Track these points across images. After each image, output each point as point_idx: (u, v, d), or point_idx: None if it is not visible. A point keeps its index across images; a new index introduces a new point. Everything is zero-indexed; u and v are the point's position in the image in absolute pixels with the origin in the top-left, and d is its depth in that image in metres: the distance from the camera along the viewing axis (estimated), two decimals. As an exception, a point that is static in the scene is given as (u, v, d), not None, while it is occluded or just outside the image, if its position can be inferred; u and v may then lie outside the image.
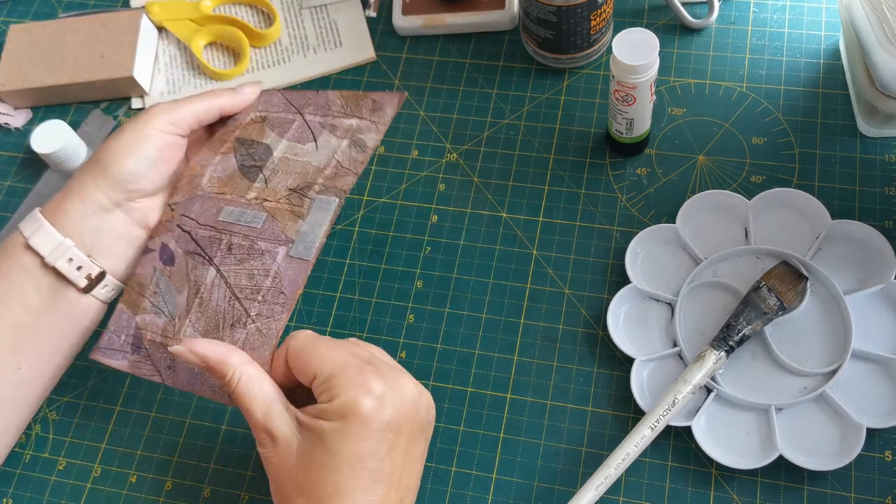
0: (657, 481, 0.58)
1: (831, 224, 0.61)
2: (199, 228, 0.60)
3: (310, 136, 0.61)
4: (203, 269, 0.59)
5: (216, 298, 0.58)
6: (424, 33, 0.76)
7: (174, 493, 0.61)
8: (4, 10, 0.84)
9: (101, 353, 0.59)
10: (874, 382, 0.58)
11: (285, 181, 0.60)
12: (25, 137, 0.77)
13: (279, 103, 0.64)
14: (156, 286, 0.60)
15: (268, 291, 0.57)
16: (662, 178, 0.68)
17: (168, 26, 0.78)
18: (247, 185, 0.61)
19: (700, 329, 0.61)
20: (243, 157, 0.62)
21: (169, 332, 0.58)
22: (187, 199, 0.61)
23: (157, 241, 0.61)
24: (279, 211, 0.59)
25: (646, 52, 0.58)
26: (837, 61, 0.70)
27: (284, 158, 0.61)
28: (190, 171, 0.62)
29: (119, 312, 0.60)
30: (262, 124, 0.63)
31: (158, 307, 0.59)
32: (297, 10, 0.79)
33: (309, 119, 0.62)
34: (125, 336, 0.59)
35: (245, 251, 0.59)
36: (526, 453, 0.60)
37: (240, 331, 0.56)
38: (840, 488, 0.56)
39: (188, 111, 0.60)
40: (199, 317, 0.58)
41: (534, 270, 0.66)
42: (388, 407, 0.48)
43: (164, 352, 0.57)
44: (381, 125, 0.61)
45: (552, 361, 0.62)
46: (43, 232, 0.57)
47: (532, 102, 0.72)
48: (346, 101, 0.62)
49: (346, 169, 0.59)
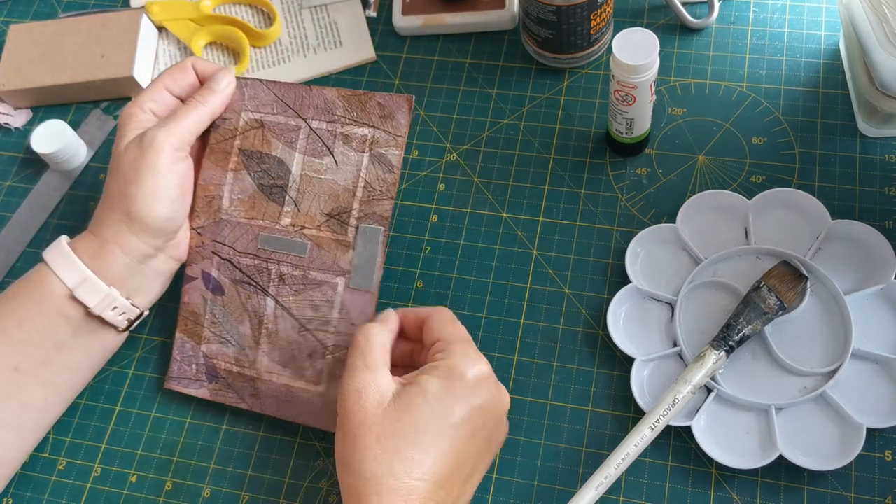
0: (657, 481, 0.58)
1: (831, 224, 0.61)
2: (238, 256, 0.61)
3: (323, 148, 0.60)
4: (259, 299, 0.60)
5: (284, 329, 0.59)
6: (424, 33, 0.76)
7: (174, 493, 0.61)
8: (4, 9, 0.84)
9: (176, 382, 0.61)
10: (874, 382, 0.58)
11: (317, 205, 0.60)
12: (25, 137, 0.77)
13: (270, 101, 0.62)
14: (212, 316, 0.61)
15: (339, 322, 0.58)
16: (662, 177, 0.68)
17: (168, 26, 0.78)
18: (277, 210, 0.61)
19: (700, 329, 0.61)
20: (259, 175, 0.61)
21: (244, 362, 0.60)
22: (211, 222, 0.62)
23: (196, 268, 0.62)
24: (323, 240, 0.59)
25: (646, 51, 0.58)
26: (837, 61, 0.70)
27: (306, 176, 0.60)
28: (203, 192, 0.62)
29: (181, 342, 0.62)
30: (262, 130, 0.62)
31: (223, 337, 0.60)
32: (298, 9, 0.79)
33: (316, 126, 0.61)
34: (196, 365, 0.61)
35: (299, 281, 0.59)
36: (526, 453, 0.60)
37: (320, 361, 0.58)
38: (840, 488, 0.56)
39: (186, 131, 0.59)
40: (271, 348, 0.59)
41: (534, 270, 0.66)
42: (485, 387, 0.51)
43: (245, 380, 0.59)
44: (400, 137, 0.60)
45: (552, 361, 0.62)
46: (90, 285, 0.57)
47: (532, 102, 0.72)
48: (349, 104, 0.61)
49: (378, 191, 0.59)
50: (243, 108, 0.62)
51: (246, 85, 0.63)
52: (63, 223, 0.72)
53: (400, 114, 0.60)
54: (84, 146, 0.75)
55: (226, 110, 0.62)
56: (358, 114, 0.60)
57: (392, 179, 0.59)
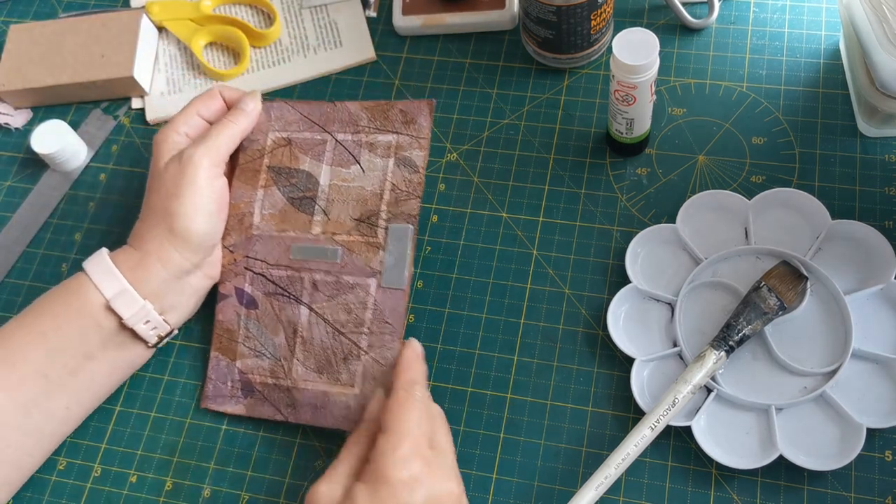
0: (657, 481, 0.58)
1: (831, 224, 0.61)
2: (271, 269, 0.62)
3: (350, 158, 0.62)
4: (293, 309, 0.61)
5: (318, 335, 0.60)
6: (424, 33, 0.76)
7: (174, 493, 0.61)
8: (5, 9, 0.84)
9: (212, 401, 0.62)
10: (874, 382, 0.58)
11: (346, 211, 0.61)
12: (25, 137, 0.77)
13: (296, 120, 0.65)
14: (246, 330, 0.62)
15: (372, 323, 0.59)
16: (662, 177, 0.68)
17: (168, 26, 0.78)
18: (307, 220, 0.62)
19: (700, 329, 0.61)
20: (288, 189, 0.63)
21: (280, 374, 0.61)
22: (243, 238, 0.63)
23: (229, 285, 0.63)
24: (354, 244, 0.61)
25: (646, 51, 0.58)
26: (837, 61, 0.70)
27: (334, 186, 0.62)
28: (234, 210, 0.64)
29: (215, 360, 0.62)
30: (289, 147, 0.64)
31: (257, 350, 0.61)
32: (298, 9, 0.79)
33: (341, 138, 0.63)
34: (231, 382, 0.62)
35: (333, 286, 0.61)
36: (526, 453, 0.60)
37: (355, 363, 0.59)
38: (840, 488, 0.56)
39: (221, 148, 0.61)
40: (306, 356, 0.60)
41: (534, 270, 0.66)
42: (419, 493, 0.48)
43: (281, 391, 0.60)
44: (423, 139, 0.62)
45: (552, 361, 0.62)
46: (126, 297, 0.58)
47: (532, 102, 0.72)
48: (373, 114, 0.63)
49: (405, 192, 0.61)
50: (270, 129, 0.65)
51: (272, 107, 0.66)
52: (63, 223, 0.72)
53: (422, 117, 0.62)
54: (84, 146, 0.75)
55: (253, 132, 0.65)
56: (381, 122, 0.63)
57: (418, 179, 0.61)
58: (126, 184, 0.73)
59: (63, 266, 0.70)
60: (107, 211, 0.72)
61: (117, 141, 0.76)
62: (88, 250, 0.70)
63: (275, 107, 0.65)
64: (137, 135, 0.76)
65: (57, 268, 0.70)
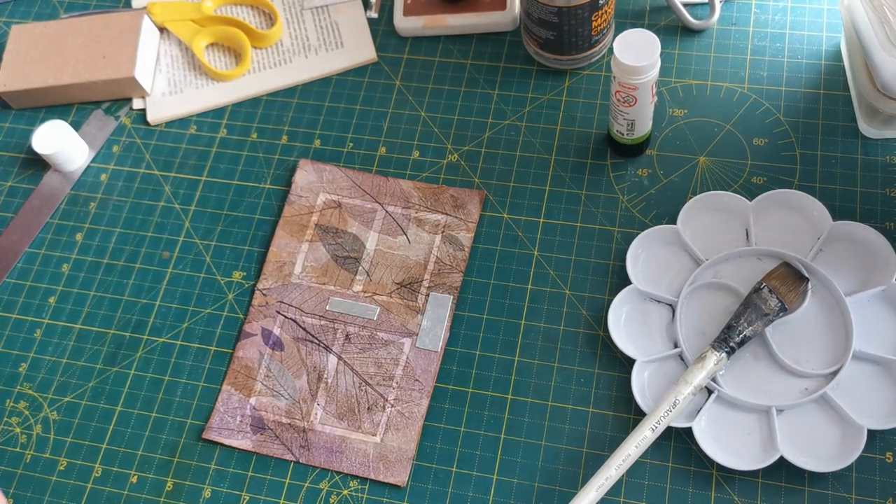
0: (658, 482, 0.58)
1: (832, 225, 0.61)
2: (304, 316, 0.65)
3: (398, 228, 0.66)
4: (322, 356, 0.63)
5: (344, 384, 0.62)
6: (426, 34, 0.76)
7: (174, 493, 0.61)
8: (6, 10, 0.84)
9: (216, 433, 0.62)
10: (875, 384, 0.58)
11: (389, 275, 0.65)
12: (26, 138, 0.77)
13: (348, 186, 0.68)
14: (267, 370, 0.64)
15: (402, 379, 0.62)
16: (663, 179, 0.68)
17: (169, 27, 0.78)
18: (349, 277, 0.65)
19: (701, 330, 0.61)
20: (333, 247, 0.66)
21: (296, 415, 0.62)
22: (279, 285, 0.66)
23: (256, 325, 0.65)
24: (393, 305, 0.64)
25: (647, 53, 0.58)
26: (839, 63, 0.70)
27: (379, 251, 0.66)
28: (275, 257, 0.67)
29: (227, 394, 0.63)
30: (339, 210, 0.68)
31: (275, 390, 0.63)
32: (299, 10, 0.79)
33: (391, 210, 0.67)
34: (241, 417, 0.63)
35: (366, 340, 0.63)
36: (527, 454, 0.60)
37: (379, 413, 0.61)
38: (841, 490, 0.56)
39: None
40: (328, 400, 0.62)
41: (535, 271, 0.66)
42: None
43: (295, 432, 0.61)
44: (471, 223, 0.66)
45: (553, 362, 0.62)
46: None
47: (533, 103, 0.72)
48: (424, 194, 0.67)
49: (448, 266, 0.64)
50: (321, 190, 0.68)
51: (324, 170, 0.69)
52: (64, 224, 0.72)
53: (471, 205, 0.67)
54: (85, 147, 0.75)
55: (301, 189, 0.68)
56: (432, 203, 0.67)
57: (462, 256, 0.65)
58: (127, 184, 0.73)
59: (64, 267, 0.70)
60: (107, 211, 0.72)
61: (118, 141, 0.76)
62: (89, 251, 0.71)
63: (327, 170, 0.69)
64: (138, 135, 0.76)
65: (58, 268, 0.70)
